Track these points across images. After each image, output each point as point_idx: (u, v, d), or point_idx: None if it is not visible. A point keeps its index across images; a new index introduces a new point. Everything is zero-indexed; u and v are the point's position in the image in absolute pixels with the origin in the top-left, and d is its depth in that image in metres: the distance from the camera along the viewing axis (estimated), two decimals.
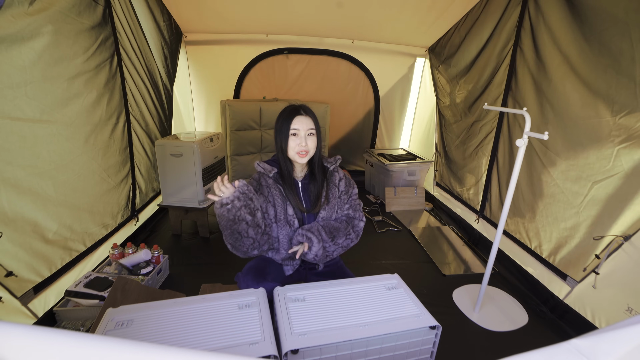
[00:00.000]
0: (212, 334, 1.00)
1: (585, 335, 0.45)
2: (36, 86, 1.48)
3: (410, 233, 2.91)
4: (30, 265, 1.51)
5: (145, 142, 2.54)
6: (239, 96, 3.75)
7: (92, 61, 1.83)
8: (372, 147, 4.20)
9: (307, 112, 1.31)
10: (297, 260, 1.41)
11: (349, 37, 3.52)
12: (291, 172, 1.36)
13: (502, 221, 1.72)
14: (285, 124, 1.29)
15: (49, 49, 1.53)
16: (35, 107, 1.48)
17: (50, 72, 1.55)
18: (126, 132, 2.24)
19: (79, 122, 1.75)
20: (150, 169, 2.67)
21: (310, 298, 1.18)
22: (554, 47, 1.93)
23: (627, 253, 1.54)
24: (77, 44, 1.71)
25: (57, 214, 1.64)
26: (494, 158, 2.54)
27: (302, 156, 1.30)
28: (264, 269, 1.36)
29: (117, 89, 2.09)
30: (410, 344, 1.08)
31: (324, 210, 1.37)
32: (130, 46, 2.23)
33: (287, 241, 1.36)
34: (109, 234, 2.10)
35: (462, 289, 2.13)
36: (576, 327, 1.76)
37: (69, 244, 1.74)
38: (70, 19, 1.65)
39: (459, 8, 2.74)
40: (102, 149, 1.97)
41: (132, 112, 2.29)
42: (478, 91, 2.70)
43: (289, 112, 1.30)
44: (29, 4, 1.39)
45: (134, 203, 2.41)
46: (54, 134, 1.60)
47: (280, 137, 1.30)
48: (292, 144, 1.29)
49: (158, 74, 2.71)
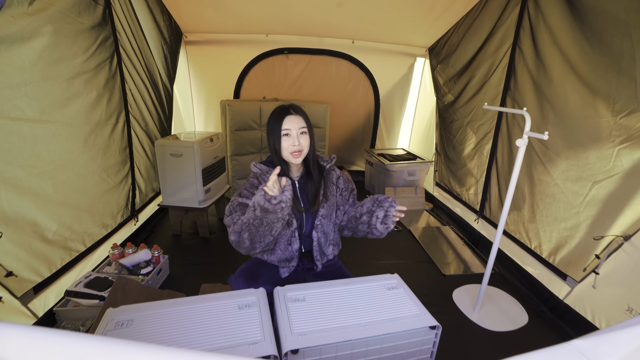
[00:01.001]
0: (212, 334, 0.99)
1: (586, 336, 0.45)
2: (36, 86, 1.48)
3: (410, 233, 2.91)
4: (30, 265, 1.51)
5: (145, 142, 2.54)
6: (239, 96, 3.75)
7: (92, 61, 1.83)
8: (372, 147, 4.19)
9: (297, 111, 1.30)
10: (293, 262, 1.39)
11: (349, 37, 3.52)
12: (287, 172, 1.35)
13: (502, 221, 1.72)
14: (276, 125, 1.27)
15: (49, 49, 1.53)
16: (35, 107, 1.48)
17: (49, 72, 1.55)
18: (126, 132, 2.24)
19: (78, 122, 1.75)
20: (150, 169, 2.67)
21: (310, 298, 1.18)
22: (554, 47, 1.93)
23: (627, 253, 1.54)
24: (77, 44, 1.71)
25: (57, 214, 1.64)
26: (493, 158, 2.54)
27: (297, 156, 1.28)
28: (257, 272, 1.34)
29: (116, 89, 2.09)
30: (410, 344, 1.08)
31: (322, 208, 1.36)
32: (130, 46, 2.23)
33: (285, 241, 1.34)
34: (108, 234, 2.10)
35: (462, 289, 2.13)
36: (576, 327, 1.76)
37: (69, 244, 1.74)
38: (69, 19, 1.65)
39: (459, 8, 2.74)
40: (102, 149, 1.97)
41: (131, 112, 2.29)
42: (475, 91, 2.71)
43: (279, 113, 1.28)
44: (29, 4, 1.39)
45: (133, 203, 2.41)
46: (53, 134, 1.60)
47: (273, 138, 1.28)
48: (285, 144, 1.27)
49: (158, 74, 2.71)
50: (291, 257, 1.37)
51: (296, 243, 1.35)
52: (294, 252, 1.36)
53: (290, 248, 1.35)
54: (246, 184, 1.36)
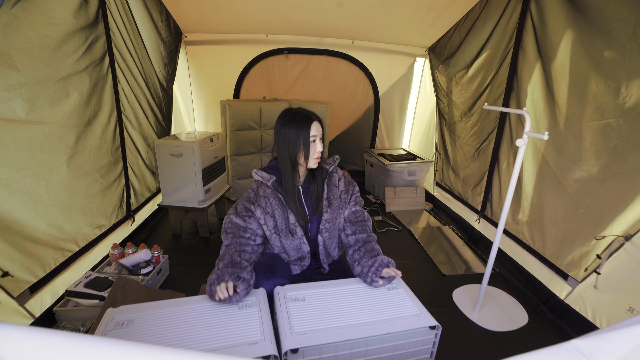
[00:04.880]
0: (212, 334, 1.00)
1: (586, 336, 0.45)
2: (29, 88, 1.47)
3: (410, 233, 2.91)
4: (25, 265, 1.51)
5: (139, 143, 2.52)
6: (239, 96, 3.75)
7: (83, 61, 1.81)
8: (372, 147, 4.19)
9: (317, 117, 1.30)
10: (305, 261, 1.41)
11: (348, 37, 3.52)
12: (294, 180, 1.33)
13: (502, 221, 1.72)
14: (302, 132, 1.24)
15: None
16: (29, 108, 1.48)
17: (42, 73, 1.54)
18: (118, 132, 2.22)
19: (70, 122, 1.74)
20: (144, 169, 2.65)
21: (310, 298, 1.18)
22: (558, 47, 1.92)
23: (628, 253, 1.53)
24: (68, 44, 1.69)
25: (48, 215, 1.63)
26: (495, 158, 2.54)
27: (318, 160, 1.31)
28: (274, 265, 1.35)
29: (108, 89, 2.07)
30: (410, 344, 1.08)
31: (326, 212, 1.37)
32: (124, 46, 2.21)
33: (295, 249, 1.36)
34: (103, 234, 2.09)
35: (462, 289, 2.13)
36: (576, 327, 1.76)
37: (61, 244, 1.73)
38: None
39: (459, 8, 2.74)
40: (94, 149, 1.95)
41: (124, 112, 2.27)
42: (478, 91, 2.70)
43: (302, 119, 1.26)
44: (12, 5, 1.37)
45: (128, 203, 2.39)
46: (46, 135, 1.58)
47: (296, 145, 1.25)
48: (312, 151, 1.27)
49: (154, 74, 2.69)
50: (303, 257, 1.40)
51: (306, 246, 1.38)
52: (306, 253, 1.39)
53: (301, 250, 1.38)
54: (244, 196, 1.37)
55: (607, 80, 1.64)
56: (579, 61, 1.79)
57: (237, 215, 1.33)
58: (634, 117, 1.53)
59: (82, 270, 1.91)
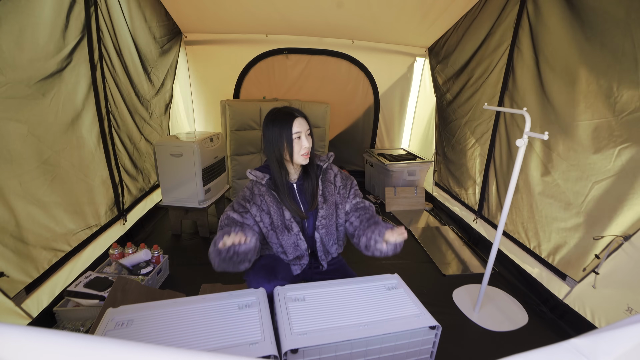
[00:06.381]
0: (212, 334, 1.00)
1: (585, 335, 0.45)
2: (11, 87, 1.45)
3: (410, 233, 2.91)
4: (19, 265, 1.50)
5: (127, 142, 2.49)
6: (238, 96, 3.75)
7: (65, 61, 1.78)
8: (372, 147, 4.20)
9: (300, 113, 1.30)
10: (304, 260, 1.41)
11: (348, 37, 3.52)
12: (286, 176, 1.34)
13: (501, 221, 1.72)
14: (285, 130, 1.25)
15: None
16: (8, 106, 1.45)
17: (24, 72, 1.52)
18: (107, 132, 2.19)
19: (50, 121, 1.71)
20: (133, 169, 2.62)
21: (310, 298, 1.18)
22: (554, 47, 1.93)
23: (627, 253, 1.54)
24: (50, 43, 1.67)
25: (36, 215, 1.61)
26: (490, 158, 2.54)
27: (306, 157, 1.29)
28: (275, 267, 1.35)
29: (92, 89, 2.03)
30: (410, 344, 1.08)
31: (322, 209, 1.37)
32: (112, 45, 2.18)
33: (292, 246, 1.36)
34: (95, 234, 2.07)
35: (462, 289, 2.13)
36: (576, 327, 1.76)
37: (52, 244, 1.72)
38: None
39: (458, 8, 2.75)
40: (75, 148, 1.92)
41: (111, 111, 2.24)
42: (473, 90, 2.71)
43: (284, 117, 1.26)
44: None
45: (119, 203, 2.36)
46: (25, 135, 1.55)
47: (280, 143, 1.26)
48: (297, 147, 1.27)
49: (144, 74, 2.64)
50: (302, 255, 1.40)
51: (303, 243, 1.37)
52: (304, 251, 1.39)
53: (298, 248, 1.38)
54: (240, 195, 1.37)
55: (600, 79, 1.65)
56: (573, 60, 1.80)
57: (234, 211, 1.33)
58: (627, 117, 1.53)
59: (77, 270, 1.90)
